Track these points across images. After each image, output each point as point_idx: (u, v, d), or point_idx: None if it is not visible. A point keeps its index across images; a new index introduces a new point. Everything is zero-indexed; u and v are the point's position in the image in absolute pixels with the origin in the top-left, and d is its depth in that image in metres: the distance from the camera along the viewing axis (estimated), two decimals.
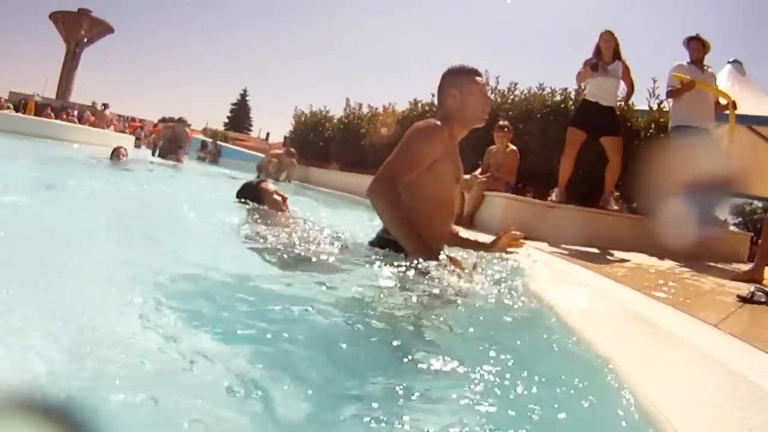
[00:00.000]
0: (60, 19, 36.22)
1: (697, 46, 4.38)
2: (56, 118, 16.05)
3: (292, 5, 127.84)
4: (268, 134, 39.40)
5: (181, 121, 8.52)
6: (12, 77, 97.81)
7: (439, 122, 1.75)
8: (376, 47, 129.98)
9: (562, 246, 3.60)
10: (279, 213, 2.21)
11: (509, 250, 1.93)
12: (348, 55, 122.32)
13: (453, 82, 1.88)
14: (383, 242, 1.73)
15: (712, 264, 3.82)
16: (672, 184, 3.41)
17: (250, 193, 2.30)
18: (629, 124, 5.46)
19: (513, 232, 1.90)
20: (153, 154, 8.20)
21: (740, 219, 26.62)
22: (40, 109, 17.79)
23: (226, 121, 58.33)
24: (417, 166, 1.68)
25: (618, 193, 5.97)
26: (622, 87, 4.71)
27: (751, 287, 2.25)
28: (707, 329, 1.42)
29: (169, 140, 7.91)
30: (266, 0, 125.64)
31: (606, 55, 4.34)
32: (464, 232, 2.14)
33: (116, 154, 5.75)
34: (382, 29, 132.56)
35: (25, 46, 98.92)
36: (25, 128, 8.59)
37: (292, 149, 8.25)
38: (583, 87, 4.65)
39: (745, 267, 3.35)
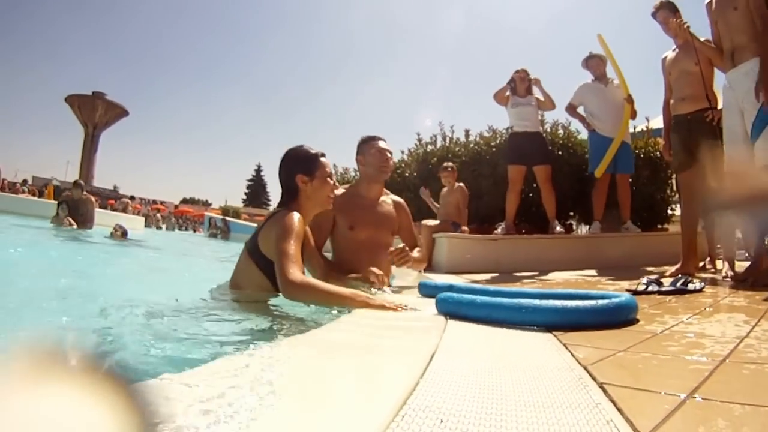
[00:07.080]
0: (76, 102, 37.74)
1: (595, 63, 4.67)
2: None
3: (296, 79, 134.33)
4: None
5: (77, 185, 7.24)
6: (33, 162, 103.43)
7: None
8: (375, 111, 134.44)
9: (494, 272, 3.90)
10: None
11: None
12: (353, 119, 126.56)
13: (358, 150, 2.47)
14: None
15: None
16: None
17: None
18: (572, 151, 5.87)
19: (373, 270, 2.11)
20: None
21: None
22: (59, 192, 19.09)
23: (244, 197, 59.65)
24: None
25: (577, 216, 6.32)
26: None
27: (644, 280, 2.37)
28: None
29: (71, 209, 6.84)
30: (273, 75, 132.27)
31: (519, 89, 4.74)
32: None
33: (113, 231, 6.37)
34: (378, 93, 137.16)
35: (44, 130, 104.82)
36: (30, 210, 9.26)
37: None
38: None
39: None
